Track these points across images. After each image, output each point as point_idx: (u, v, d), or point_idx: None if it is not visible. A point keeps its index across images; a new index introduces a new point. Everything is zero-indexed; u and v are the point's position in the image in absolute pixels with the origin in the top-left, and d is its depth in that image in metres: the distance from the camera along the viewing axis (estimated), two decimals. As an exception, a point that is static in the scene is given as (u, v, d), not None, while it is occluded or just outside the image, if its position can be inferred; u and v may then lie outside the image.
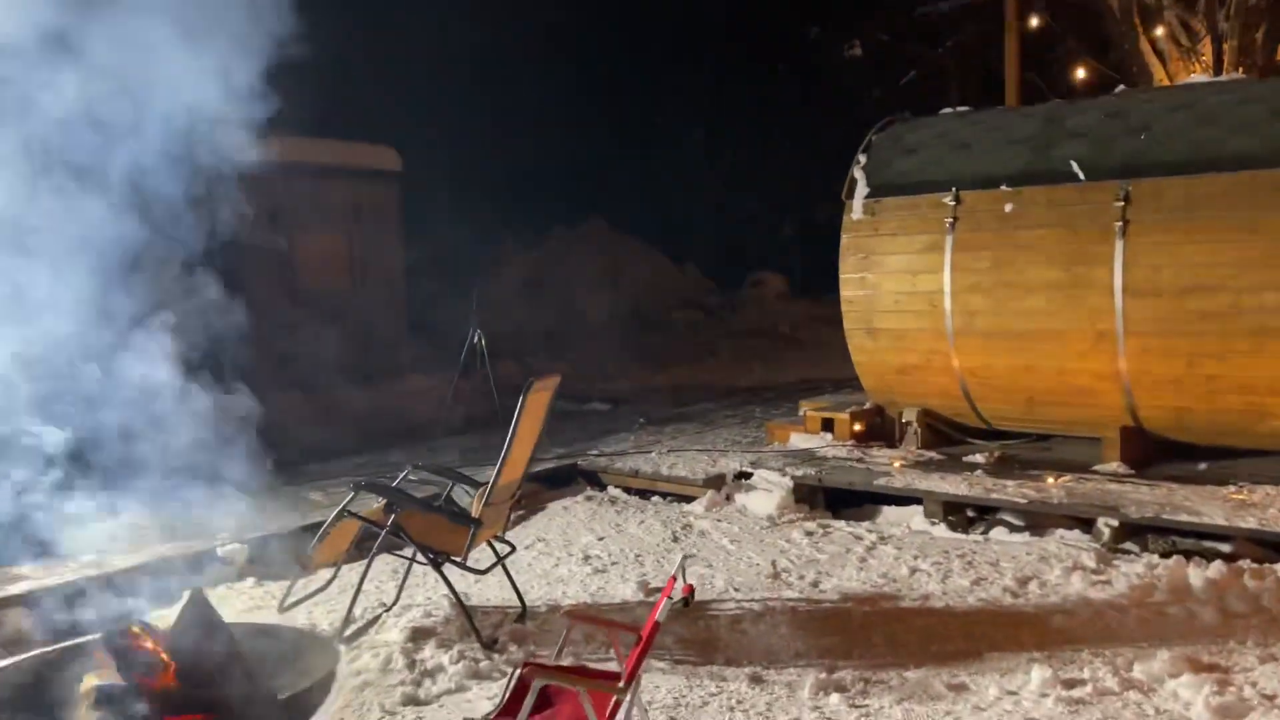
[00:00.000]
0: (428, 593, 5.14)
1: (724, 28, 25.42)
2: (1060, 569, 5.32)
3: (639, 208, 26.16)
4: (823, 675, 4.11)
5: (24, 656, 3.40)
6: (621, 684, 2.95)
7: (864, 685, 4.05)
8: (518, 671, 3.34)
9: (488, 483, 4.56)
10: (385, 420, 10.74)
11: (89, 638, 3.40)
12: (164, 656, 3.16)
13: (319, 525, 4.96)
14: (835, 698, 3.93)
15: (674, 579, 3.28)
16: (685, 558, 3.34)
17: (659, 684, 4.09)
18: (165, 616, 3.37)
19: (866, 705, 3.88)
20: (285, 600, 4.64)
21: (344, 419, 10.98)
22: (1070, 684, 3.94)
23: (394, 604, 5.02)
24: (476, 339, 7.94)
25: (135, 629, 3.23)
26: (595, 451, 7.98)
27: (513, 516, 6.66)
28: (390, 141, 14.99)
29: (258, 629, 3.61)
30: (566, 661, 3.91)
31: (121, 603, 4.01)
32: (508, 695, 3.12)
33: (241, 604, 5.10)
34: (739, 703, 3.93)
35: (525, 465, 4.91)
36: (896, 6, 18.73)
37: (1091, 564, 5.37)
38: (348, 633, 4.61)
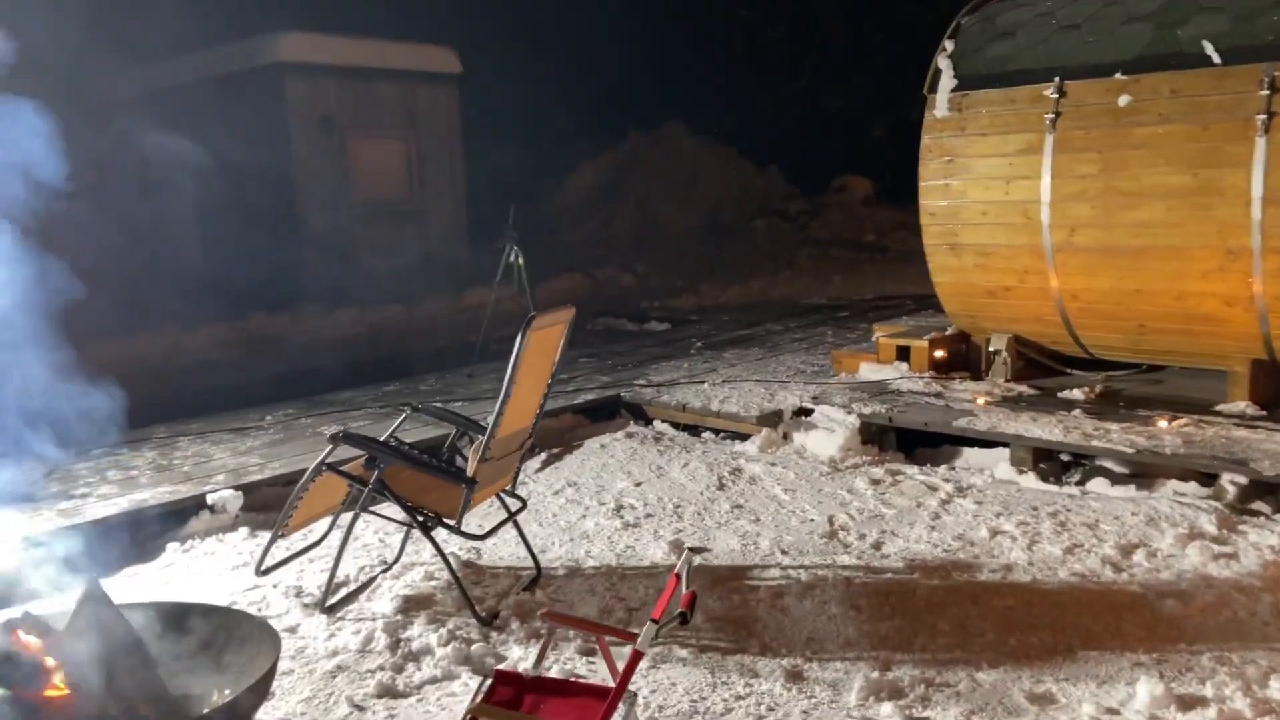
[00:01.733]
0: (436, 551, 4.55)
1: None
2: (1173, 535, 4.47)
3: (719, 109, 24.91)
4: (875, 674, 3.40)
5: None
6: (592, 728, 2.28)
7: (925, 690, 3.33)
8: (484, 685, 2.71)
9: (483, 438, 3.89)
10: (435, 338, 10.24)
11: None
12: (49, 663, 2.60)
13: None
14: (888, 707, 3.22)
15: (675, 579, 2.58)
16: (692, 551, 2.62)
17: (676, 680, 3.44)
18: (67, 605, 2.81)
19: (927, 719, 3.16)
20: (262, 562, 4.10)
21: (393, 336, 10.53)
22: (1187, 704, 3.14)
23: (394, 563, 4.46)
24: (514, 257, 7.24)
25: (22, 626, 2.68)
26: (642, 381, 7.28)
27: (546, 455, 6.08)
28: (449, 42, 14.19)
29: (188, 611, 3.04)
30: (548, 667, 3.28)
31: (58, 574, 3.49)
32: (457, 728, 2.49)
33: (228, 559, 4.59)
34: (770, 710, 3.25)
35: (534, 413, 4.23)
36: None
37: (1212, 529, 4.51)
38: (333, 600, 4.06)
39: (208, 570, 4.47)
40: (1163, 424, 5.44)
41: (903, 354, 6.87)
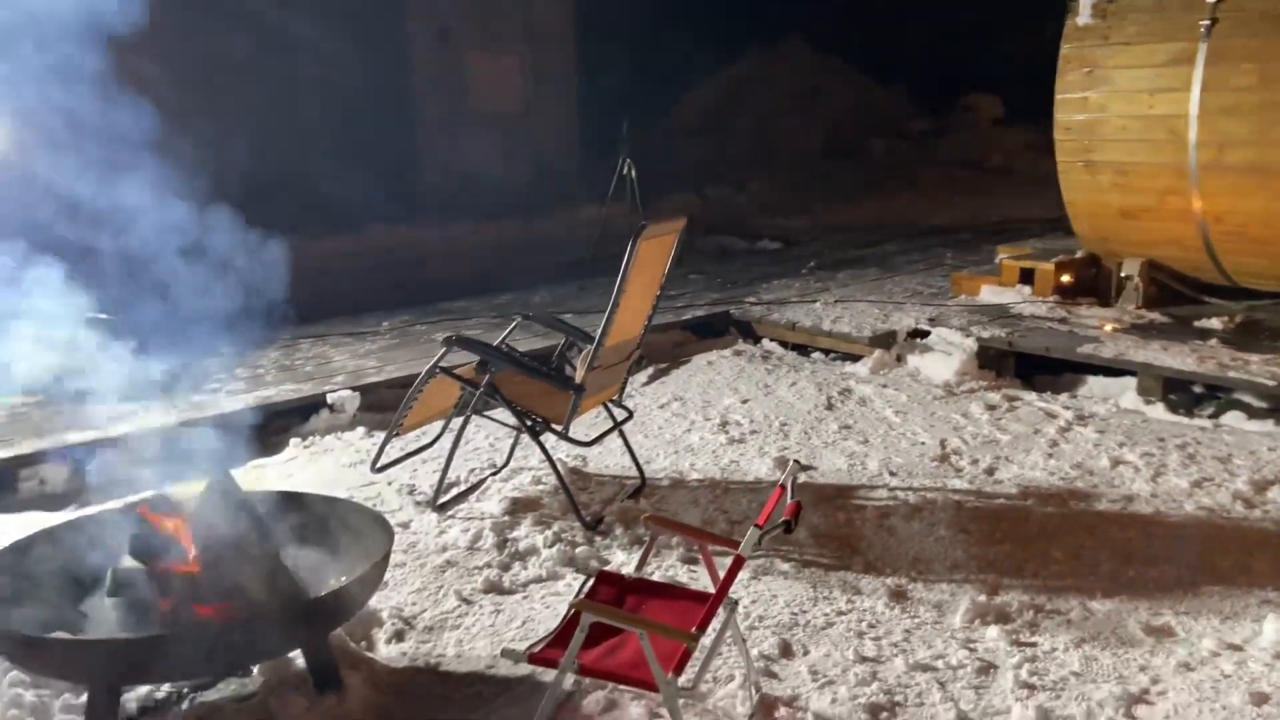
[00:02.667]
0: (543, 456, 4.62)
1: None
2: (1313, 473, 4.23)
3: (842, 24, 23.99)
4: (982, 598, 3.34)
5: (59, 522, 3.10)
6: (694, 630, 2.30)
7: (1033, 615, 3.25)
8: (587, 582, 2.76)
9: (591, 346, 3.90)
10: (547, 252, 10.30)
11: (116, 505, 3.05)
12: (180, 540, 2.75)
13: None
14: (994, 630, 3.16)
15: (780, 490, 2.55)
16: (798, 464, 2.58)
17: (777, 592, 3.44)
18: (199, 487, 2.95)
19: (1034, 645, 3.09)
20: (377, 459, 4.24)
21: (504, 250, 10.64)
22: (1318, 645, 2.99)
23: (503, 466, 4.56)
24: (626, 170, 7.17)
25: (157, 506, 2.83)
26: (752, 299, 7.18)
27: (653, 369, 6.09)
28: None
29: (308, 500, 3.16)
30: (650, 573, 3.31)
31: (203, 456, 3.67)
32: (561, 625, 2.54)
33: (347, 456, 4.77)
34: (871, 626, 3.22)
35: (642, 324, 4.22)
36: None
37: (1357, 469, 4.24)
38: (444, 499, 4.18)
39: (326, 465, 4.66)
40: (1309, 357, 5.11)
41: (1026, 277, 6.59)
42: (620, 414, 4.48)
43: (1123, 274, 6.25)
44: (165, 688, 2.88)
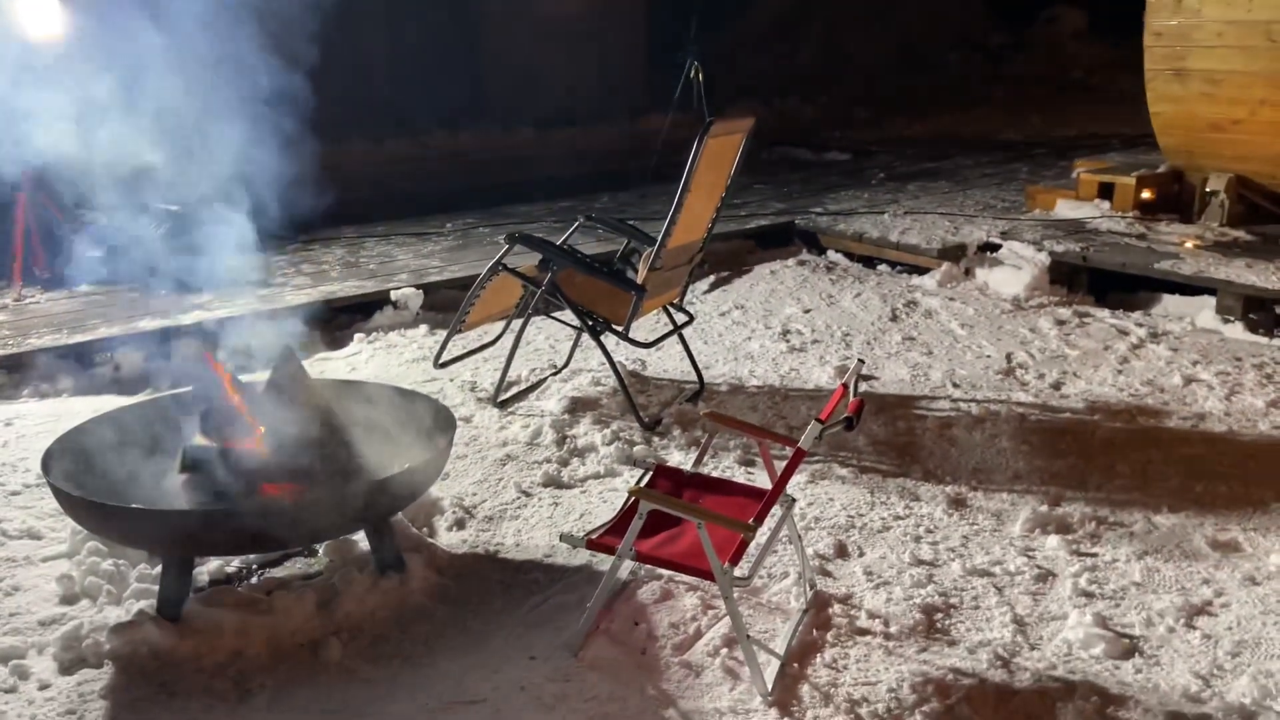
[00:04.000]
0: (603, 357, 4.64)
1: None
2: (1398, 397, 4.07)
3: (920, -71, 22.97)
4: (1044, 508, 3.30)
5: (137, 400, 3.19)
6: (751, 521, 2.30)
7: (1095, 527, 3.21)
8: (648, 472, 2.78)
9: (653, 248, 3.86)
10: (610, 160, 10.21)
11: (188, 389, 3.13)
12: (250, 419, 2.81)
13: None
14: (1054, 540, 3.13)
15: (843, 389, 2.52)
16: (861, 362, 2.55)
17: (834, 495, 3.44)
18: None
19: (1094, 555, 3.05)
20: (440, 355, 4.28)
21: (569, 157, 10.56)
22: (1393, 564, 2.92)
23: (563, 367, 4.59)
24: (693, 73, 7.00)
25: (229, 387, 2.90)
26: (818, 209, 7.05)
27: (715, 277, 6.03)
28: None
29: (374, 389, 3.21)
30: (708, 469, 3.32)
31: (263, 343, 3.74)
32: (620, 513, 2.56)
33: (410, 352, 4.83)
34: (929, 531, 3.21)
35: (707, 225, 4.17)
36: None
37: None
38: (505, 396, 4.22)
39: (390, 361, 4.72)
40: (1403, 279, 4.89)
41: (1105, 191, 6.37)
42: (681, 318, 4.46)
43: (1208, 190, 6.00)
44: (235, 562, 2.98)
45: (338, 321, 5.04)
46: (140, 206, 4.41)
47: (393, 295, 5.13)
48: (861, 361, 2.70)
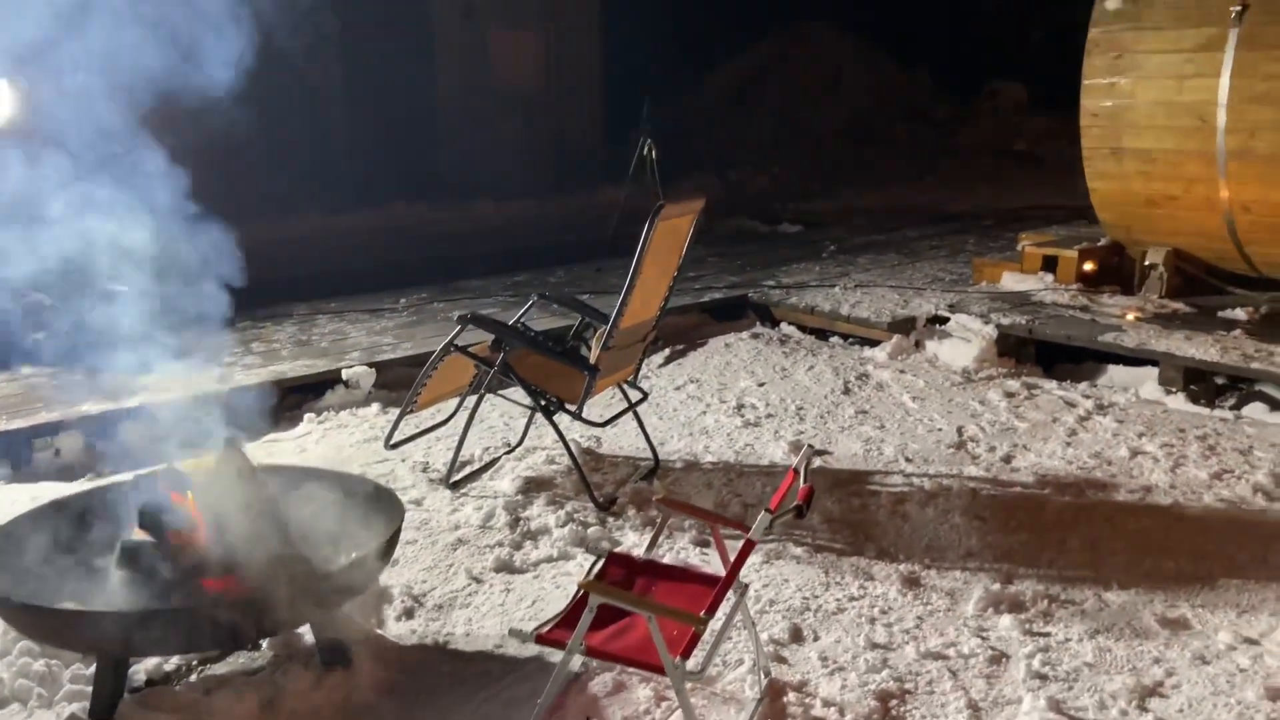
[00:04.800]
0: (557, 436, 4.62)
1: None
2: (1336, 468, 4.16)
3: (865, 7, 23.74)
4: (995, 586, 3.31)
5: (71, 493, 3.11)
6: (703, 614, 2.28)
7: (1047, 605, 3.22)
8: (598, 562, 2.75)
9: (607, 325, 3.88)
10: (566, 232, 10.29)
11: (128, 477, 3.06)
12: (194, 512, 2.75)
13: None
14: (1007, 620, 3.13)
15: (794, 474, 2.52)
16: (812, 448, 2.55)
17: (789, 576, 3.42)
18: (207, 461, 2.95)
19: (1047, 635, 3.06)
20: (391, 436, 4.24)
21: (523, 229, 10.63)
22: (1336, 640, 2.95)
23: (517, 445, 4.55)
24: (646, 150, 7.12)
25: (167, 479, 2.83)
26: (771, 283, 7.14)
27: (670, 350, 6.06)
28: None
29: (320, 475, 3.16)
30: (661, 555, 3.30)
31: (207, 430, 3.67)
32: (570, 605, 2.52)
33: (361, 432, 4.77)
34: (883, 613, 3.20)
35: (659, 304, 4.19)
36: None
37: (1381, 464, 4.18)
38: (457, 477, 4.18)
39: (340, 441, 4.66)
40: (1335, 350, 5.03)
41: (1049, 264, 6.52)
42: (635, 395, 4.46)
43: (1147, 263, 6.17)
44: (173, 660, 2.89)
45: (288, 401, 4.98)
46: (78, 288, 4.34)
47: (344, 374, 5.09)
48: (812, 447, 2.71)
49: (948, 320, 6.00)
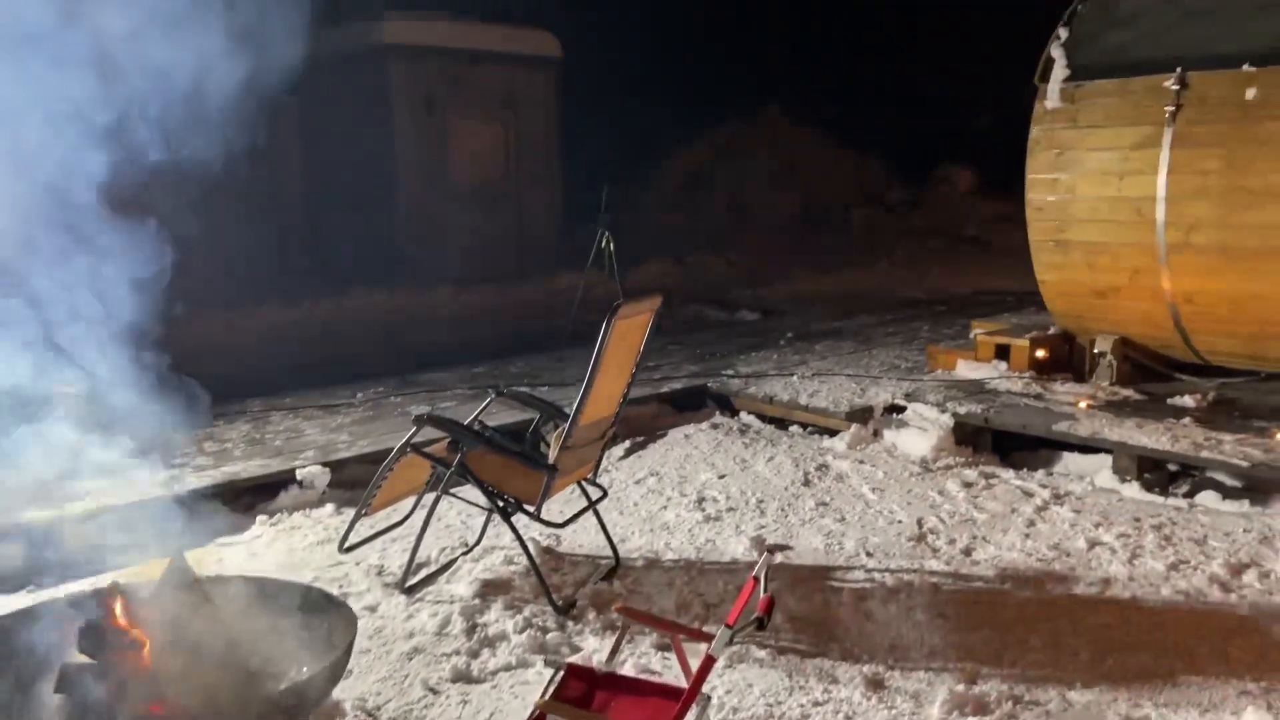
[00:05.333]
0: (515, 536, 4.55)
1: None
2: (1289, 556, 4.21)
3: (819, 96, 24.45)
4: (960, 687, 3.27)
5: (8, 612, 3.00)
6: (662, 732, 2.23)
7: (1012, 707, 3.19)
8: (556, 677, 2.69)
9: (565, 425, 3.87)
10: (526, 319, 10.32)
11: (68, 591, 2.96)
12: (133, 634, 2.66)
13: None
14: (972, 723, 3.09)
15: (753, 582, 2.50)
16: (771, 553, 2.54)
17: (752, 681, 3.36)
18: (152, 572, 2.88)
19: (1012, 739, 3.02)
20: (345, 539, 4.16)
21: (483, 316, 10.64)
22: (1299, 740, 2.95)
23: (475, 545, 4.48)
24: (605, 242, 7.20)
25: (110, 596, 2.75)
26: (730, 372, 7.18)
27: (630, 443, 6.04)
28: (549, 26, 14.25)
29: (269, 587, 3.08)
30: (622, 662, 3.24)
31: (159, 538, 3.58)
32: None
33: (315, 535, 4.68)
34: (848, 718, 3.15)
35: (618, 400, 4.19)
36: None
37: (1332, 552, 4.23)
38: (413, 580, 4.10)
39: (294, 544, 4.56)
40: (1281, 437, 5.14)
41: (1002, 352, 6.63)
42: (595, 493, 4.42)
43: (1096, 351, 6.30)
44: (115, 787, 2.76)
45: (240, 503, 4.88)
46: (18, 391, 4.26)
47: (298, 474, 5.00)
48: (771, 552, 2.69)
49: (905, 409, 6.06)
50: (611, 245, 7.19)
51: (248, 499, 4.93)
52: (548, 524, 4.01)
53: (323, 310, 10.64)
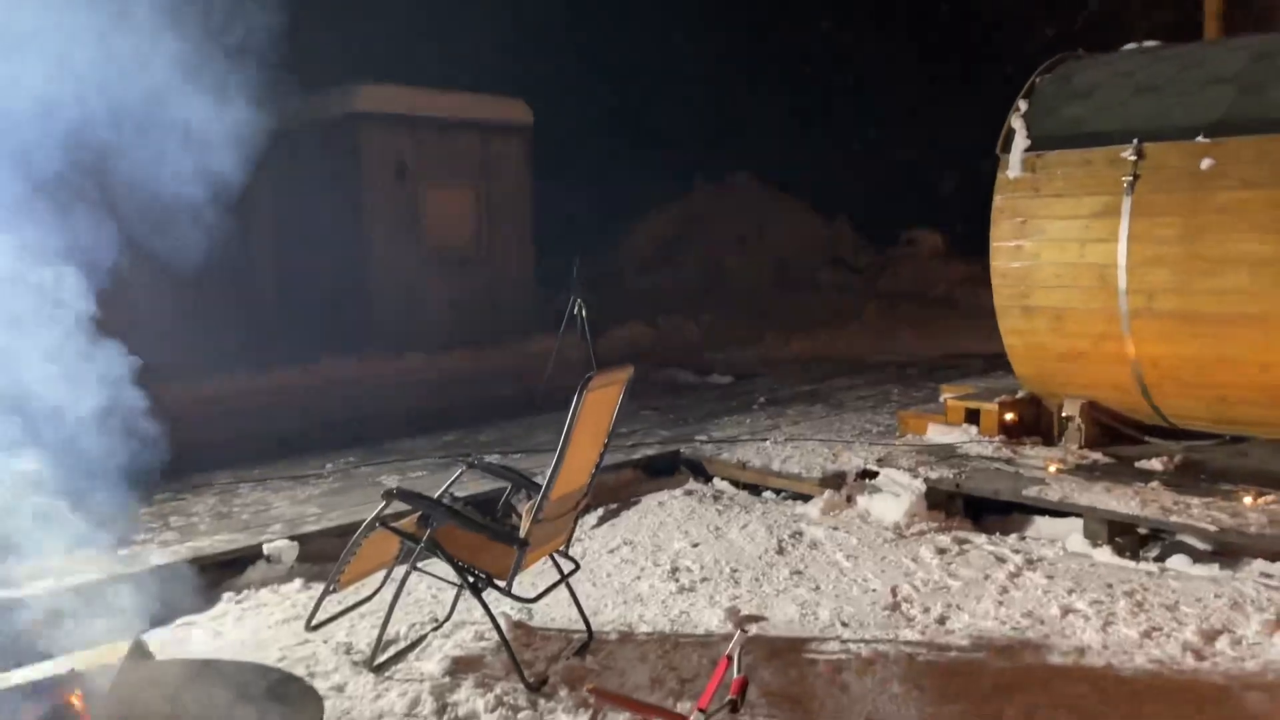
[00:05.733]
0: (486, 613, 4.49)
1: (880, -35, 23.75)
2: (1259, 621, 4.23)
3: (788, 160, 24.89)
4: (937, 763, 3.24)
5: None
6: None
7: (990, 783, 3.15)
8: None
9: (536, 497, 3.84)
10: (499, 385, 10.30)
11: (21, 678, 2.88)
12: (93, 724, 2.59)
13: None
14: (950, 801, 3.05)
15: (726, 661, 2.48)
16: (744, 630, 2.53)
17: (727, 760, 3.31)
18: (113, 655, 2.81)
19: (990, 816, 2.98)
20: (313, 617, 4.08)
21: (455, 382, 10.61)
22: (1275, 814, 2.93)
23: (444, 621, 4.42)
24: (577, 309, 7.24)
25: (67, 686, 2.68)
26: (703, 437, 7.18)
27: (604, 510, 6.01)
28: (521, 94, 14.45)
29: (233, 671, 3.01)
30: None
31: (109, 623, 3.50)
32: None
33: (282, 611, 4.59)
34: (824, 797, 3.11)
35: (589, 472, 4.18)
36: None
37: (1302, 617, 4.25)
38: (382, 658, 4.02)
39: (260, 622, 4.47)
40: (1247, 500, 5.19)
41: (972, 416, 6.68)
42: (567, 565, 4.38)
43: (1064, 414, 6.36)
44: None
45: (205, 579, 4.78)
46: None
47: (266, 549, 4.93)
48: (744, 630, 2.68)
49: (877, 474, 6.07)
50: (584, 312, 7.23)
51: (214, 575, 4.84)
52: (519, 599, 3.96)
53: (293, 378, 10.58)
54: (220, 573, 4.84)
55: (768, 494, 6.37)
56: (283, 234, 13.16)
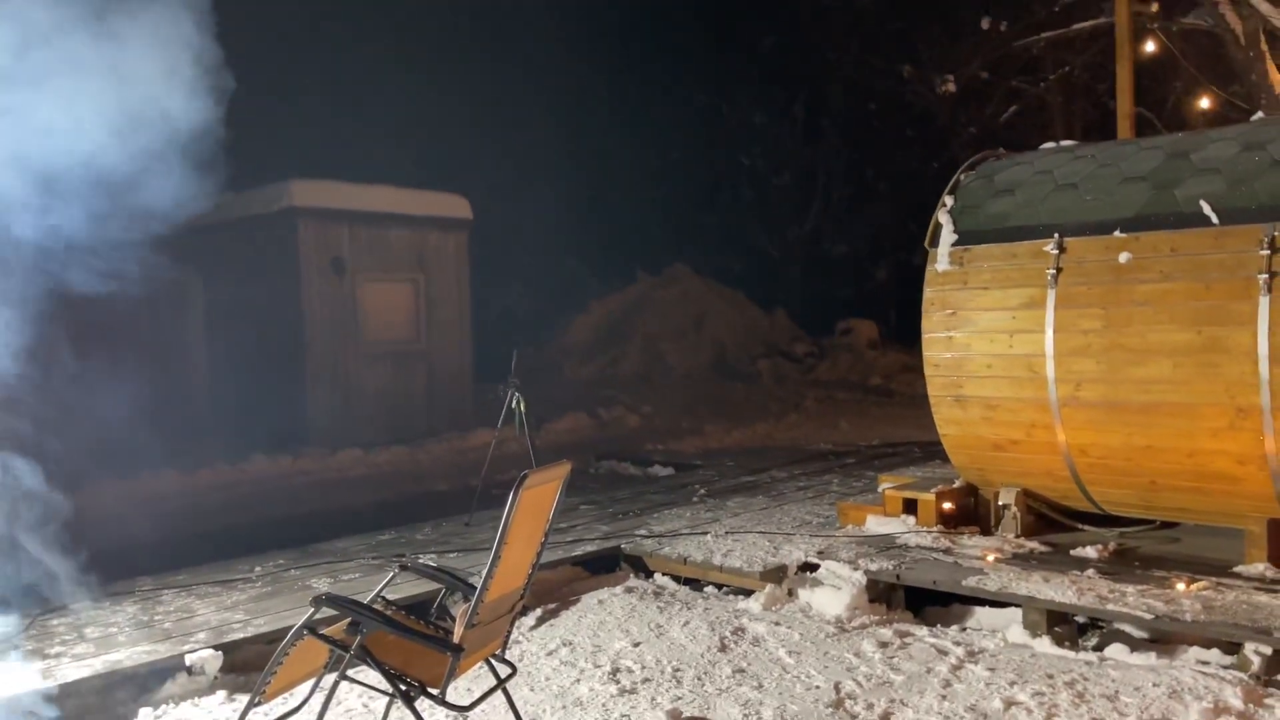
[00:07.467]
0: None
1: (814, 67, 24.71)
2: (1198, 710, 4.23)
3: (726, 253, 25.40)
4: None
5: None
6: None
7: None
8: None
9: (471, 600, 3.74)
10: (436, 481, 10.14)
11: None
12: None
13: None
14: None
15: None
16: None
17: None
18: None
19: None
20: (236, 733, 3.89)
21: (392, 479, 10.41)
22: None
23: (377, 732, 4.23)
24: (515, 403, 7.19)
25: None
26: (643, 531, 7.10)
27: (542, 610, 5.87)
28: (462, 189, 14.59)
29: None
30: None
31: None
32: None
33: (203, 727, 4.37)
34: None
35: (526, 573, 4.08)
36: (995, 40, 17.59)
37: (1239, 704, 4.28)
38: (309, 775, 3.83)
39: (181, 738, 4.25)
40: (1180, 586, 5.25)
41: (910, 506, 6.71)
42: (503, 669, 4.24)
43: (1000, 503, 6.42)
44: None
45: (121, 695, 4.54)
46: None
47: (187, 660, 4.70)
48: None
49: (818, 567, 6.04)
50: (523, 406, 7.18)
51: (132, 689, 4.60)
52: (453, 707, 3.81)
53: (223, 476, 10.31)
54: (139, 687, 4.60)
55: (709, 589, 6.29)
56: (216, 329, 12.97)
